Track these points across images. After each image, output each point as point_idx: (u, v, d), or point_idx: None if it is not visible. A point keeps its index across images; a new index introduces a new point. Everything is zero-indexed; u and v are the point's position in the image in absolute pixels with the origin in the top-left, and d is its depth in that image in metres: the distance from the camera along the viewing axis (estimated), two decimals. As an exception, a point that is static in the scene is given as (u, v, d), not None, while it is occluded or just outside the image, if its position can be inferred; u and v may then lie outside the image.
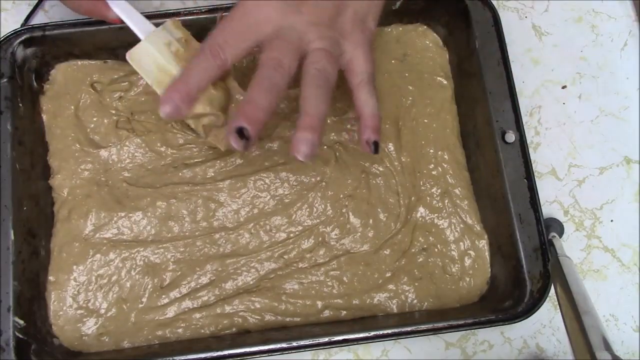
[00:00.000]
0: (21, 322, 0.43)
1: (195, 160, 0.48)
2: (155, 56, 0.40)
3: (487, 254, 0.47)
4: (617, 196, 0.50)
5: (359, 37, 0.40)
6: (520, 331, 0.48)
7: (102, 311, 0.46)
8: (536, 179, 0.45)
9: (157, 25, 0.42)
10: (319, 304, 0.46)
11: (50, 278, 0.46)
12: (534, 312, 0.43)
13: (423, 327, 0.43)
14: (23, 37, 0.46)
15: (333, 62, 0.38)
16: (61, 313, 0.45)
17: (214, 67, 0.38)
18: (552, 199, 0.50)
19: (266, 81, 0.37)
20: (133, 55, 0.41)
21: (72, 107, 0.48)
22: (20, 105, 0.46)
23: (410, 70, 0.50)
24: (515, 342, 0.48)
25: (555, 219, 0.49)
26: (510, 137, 0.45)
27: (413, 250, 0.47)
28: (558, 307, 0.41)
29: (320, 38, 0.38)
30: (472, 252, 0.47)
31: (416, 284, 0.47)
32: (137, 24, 0.42)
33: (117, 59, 0.49)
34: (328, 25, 0.39)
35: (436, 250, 0.47)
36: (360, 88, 0.40)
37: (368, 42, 0.40)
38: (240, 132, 0.36)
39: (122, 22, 0.42)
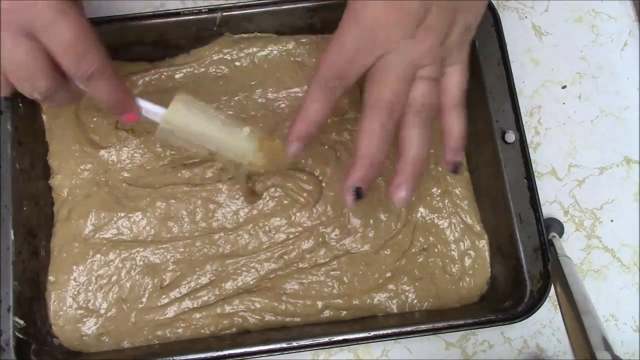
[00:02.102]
0: (21, 322, 0.43)
1: (194, 160, 0.48)
2: (185, 118, 0.39)
3: (487, 254, 0.47)
4: (617, 196, 0.50)
5: (462, 53, 0.37)
6: (520, 331, 0.48)
7: (102, 311, 0.46)
8: (536, 179, 0.45)
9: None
10: (319, 304, 0.46)
11: (50, 278, 0.46)
12: (534, 312, 0.43)
13: (423, 327, 0.43)
14: (23, 37, 0.46)
15: (437, 90, 0.36)
16: (61, 313, 0.45)
17: (329, 100, 0.36)
18: (552, 199, 0.50)
19: (380, 130, 0.35)
20: (161, 134, 0.39)
21: (72, 107, 0.48)
22: (20, 105, 0.46)
23: (410, 70, 0.50)
24: (515, 342, 0.48)
25: (555, 219, 0.49)
26: (510, 137, 0.45)
27: (413, 250, 0.47)
28: (558, 307, 0.41)
29: (431, 64, 0.36)
30: (472, 252, 0.47)
31: (416, 284, 0.47)
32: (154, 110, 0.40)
33: (118, 59, 0.49)
34: (439, 47, 0.36)
35: (436, 250, 0.47)
36: (451, 110, 0.38)
37: (467, 56, 0.38)
38: (357, 192, 0.35)
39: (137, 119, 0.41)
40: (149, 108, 0.40)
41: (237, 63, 0.49)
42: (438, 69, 0.36)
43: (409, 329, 0.43)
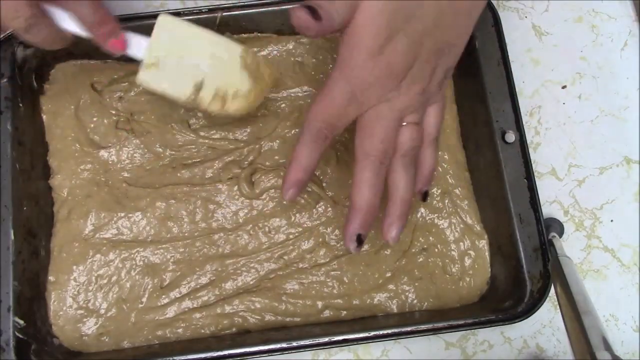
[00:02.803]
0: (21, 322, 0.43)
1: (194, 160, 0.48)
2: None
3: (487, 254, 0.47)
4: (617, 196, 0.50)
5: (441, 91, 0.40)
6: (520, 331, 0.48)
7: (102, 311, 0.46)
8: (536, 179, 0.45)
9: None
10: (319, 304, 0.46)
11: (50, 278, 0.46)
12: (534, 312, 0.43)
13: (423, 327, 0.43)
14: (23, 37, 0.46)
15: (420, 132, 0.39)
16: (61, 313, 0.45)
17: (319, 148, 0.37)
18: (552, 199, 0.50)
19: (374, 179, 0.37)
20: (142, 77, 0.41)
21: (72, 107, 0.48)
22: (20, 105, 0.46)
23: (410, 70, 0.50)
24: (515, 342, 0.48)
25: (555, 219, 0.49)
26: (510, 137, 0.45)
27: (413, 250, 0.47)
28: (558, 307, 0.41)
29: (414, 112, 0.38)
30: (472, 252, 0.47)
31: (416, 284, 0.47)
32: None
33: (118, 59, 0.49)
34: (421, 95, 0.38)
35: (436, 250, 0.47)
36: (427, 147, 0.40)
37: (444, 92, 0.40)
38: (359, 239, 0.37)
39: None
40: (133, 38, 0.41)
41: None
42: (421, 113, 0.39)
43: (409, 329, 0.43)
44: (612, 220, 0.50)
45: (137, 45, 0.41)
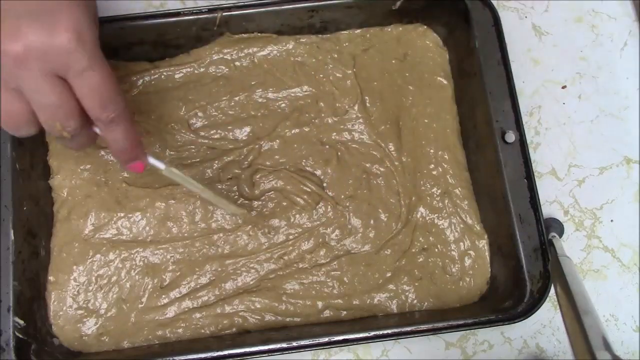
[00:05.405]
0: (21, 322, 0.43)
1: (193, 160, 0.48)
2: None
3: (487, 254, 0.47)
4: (617, 196, 0.50)
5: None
6: (520, 331, 0.48)
7: (102, 311, 0.46)
8: (536, 179, 0.45)
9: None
10: (320, 304, 0.46)
11: (50, 278, 0.46)
12: (534, 312, 0.43)
13: (423, 327, 0.43)
14: (23, 37, 0.46)
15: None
16: (61, 313, 0.45)
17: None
18: (552, 199, 0.50)
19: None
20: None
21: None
22: (20, 105, 0.46)
23: (411, 70, 0.50)
24: (515, 342, 0.48)
25: (555, 219, 0.49)
26: (510, 137, 0.45)
27: (413, 250, 0.47)
28: (558, 307, 0.41)
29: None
30: (472, 252, 0.47)
31: (416, 284, 0.47)
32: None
33: (118, 59, 0.49)
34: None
35: (436, 250, 0.47)
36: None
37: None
38: None
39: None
40: (152, 161, 0.41)
41: (237, 63, 0.49)
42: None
43: (409, 329, 0.43)
44: (612, 220, 0.50)
45: (156, 164, 0.41)
